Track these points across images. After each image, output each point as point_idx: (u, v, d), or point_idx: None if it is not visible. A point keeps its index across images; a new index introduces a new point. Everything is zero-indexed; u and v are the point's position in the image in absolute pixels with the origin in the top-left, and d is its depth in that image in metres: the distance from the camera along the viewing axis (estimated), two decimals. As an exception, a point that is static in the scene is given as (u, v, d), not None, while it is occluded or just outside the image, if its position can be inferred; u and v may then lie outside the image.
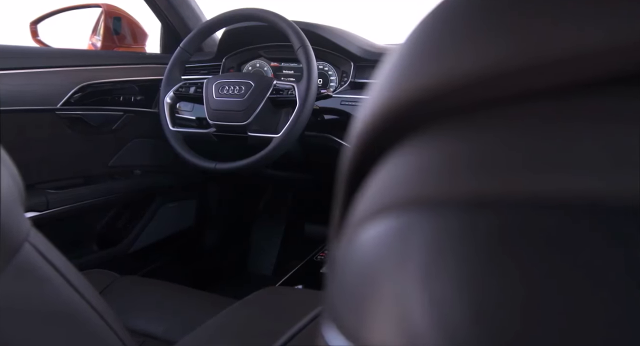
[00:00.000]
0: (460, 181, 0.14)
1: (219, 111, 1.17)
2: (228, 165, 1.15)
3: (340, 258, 0.17)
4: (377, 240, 0.15)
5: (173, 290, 0.99)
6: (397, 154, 0.17)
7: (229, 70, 1.45)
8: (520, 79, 0.13)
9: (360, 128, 0.19)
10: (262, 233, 1.94)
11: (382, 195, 0.16)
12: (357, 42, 1.31)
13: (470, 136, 0.15)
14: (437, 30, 0.17)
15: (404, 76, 0.17)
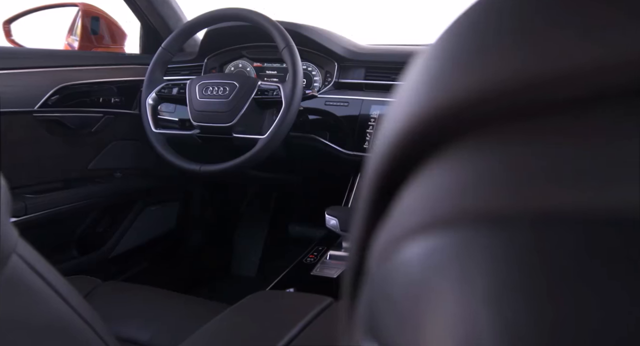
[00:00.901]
0: (527, 194, 0.13)
1: (203, 112, 1.16)
2: (213, 167, 1.14)
3: (380, 275, 0.16)
4: (428, 257, 0.14)
5: (157, 294, 0.97)
6: (445, 163, 0.16)
7: (211, 70, 1.43)
8: (586, 82, 0.12)
9: (393, 136, 0.18)
10: (245, 235, 1.92)
11: (429, 209, 0.15)
12: (341, 42, 1.31)
13: (536, 144, 0.14)
14: (481, 30, 0.17)
15: (449, 79, 0.17)
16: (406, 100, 0.19)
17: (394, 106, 0.20)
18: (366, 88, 1.26)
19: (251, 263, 1.89)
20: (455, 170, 0.15)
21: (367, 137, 1.20)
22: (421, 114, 0.17)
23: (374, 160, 0.21)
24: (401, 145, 0.18)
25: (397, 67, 1.24)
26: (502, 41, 0.15)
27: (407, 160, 0.19)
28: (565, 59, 0.14)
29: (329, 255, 0.96)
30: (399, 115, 0.19)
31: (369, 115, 1.21)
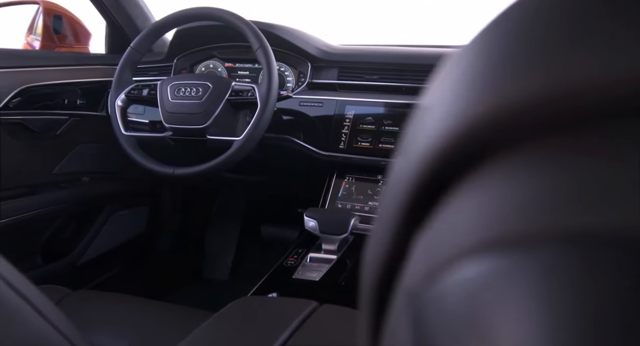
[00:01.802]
0: (577, 214, 0.13)
1: (176, 114, 1.13)
2: (187, 170, 1.11)
3: (431, 295, 0.16)
4: (476, 283, 0.14)
5: (132, 302, 0.94)
6: (501, 177, 0.15)
7: (180, 71, 1.40)
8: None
9: (434, 145, 0.18)
10: (216, 238, 1.89)
11: (488, 227, 0.14)
12: (314, 42, 1.30)
13: (581, 162, 0.14)
14: (528, 35, 0.16)
15: (493, 89, 0.16)
16: (454, 103, 0.18)
17: (432, 109, 0.20)
18: (340, 88, 1.25)
19: (224, 267, 1.86)
20: (514, 185, 0.15)
21: (343, 138, 1.20)
22: (474, 119, 0.16)
23: (408, 169, 0.20)
24: (445, 155, 0.18)
25: (371, 67, 1.24)
26: (562, 46, 0.15)
27: (451, 170, 0.18)
28: (624, 67, 0.14)
29: (309, 257, 0.96)
30: (442, 120, 0.18)
31: (344, 115, 1.20)
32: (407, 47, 1.30)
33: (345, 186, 1.20)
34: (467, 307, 0.14)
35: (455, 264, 0.15)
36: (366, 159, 1.18)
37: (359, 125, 1.19)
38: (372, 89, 1.22)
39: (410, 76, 1.20)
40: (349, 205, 1.17)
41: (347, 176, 1.22)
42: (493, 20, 0.19)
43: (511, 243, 0.13)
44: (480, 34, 0.19)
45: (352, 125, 1.19)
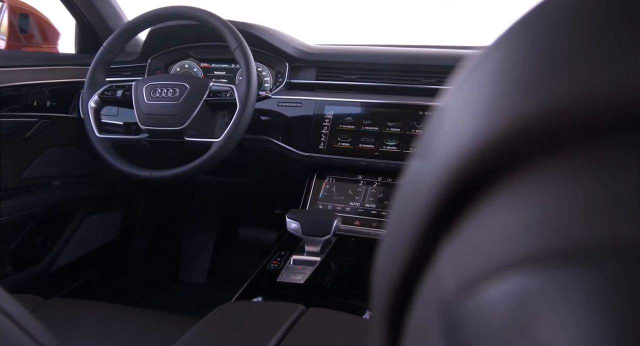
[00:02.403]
0: (622, 227, 0.12)
1: (152, 115, 1.10)
2: (165, 173, 1.09)
3: (468, 309, 0.15)
4: (525, 296, 0.13)
5: (108, 310, 0.91)
6: (523, 192, 0.15)
7: (155, 71, 1.37)
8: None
9: (455, 158, 0.17)
10: (192, 241, 1.86)
11: (514, 243, 0.14)
12: (291, 42, 1.29)
13: (613, 172, 0.13)
14: (563, 37, 0.16)
15: (543, 89, 0.15)
16: (486, 109, 0.17)
17: (460, 114, 0.19)
18: (318, 88, 1.25)
19: (200, 270, 1.83)
20: (552, 196, 0.14)
21: (322, 138, 1.19)
22: (508, 128, 0.16)
23: (436, 173, 0.19)
24: (477, 162, 0.17)
25: (349, 67, 1.24)
26: (594, 52, 0.14)
27: (483, 178, 0.17)
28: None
29: (292, 260, 0.94)
30: (474, 125, 0.18)
31: (323, 116, 1.20)
32: (385, 47, 1.30)
33: (325, 187, 1.20)
34: (517, 320, 0.14)
35: (497, 277, 0.15)
36: (346, 159, 1.18)
37: (339, 125, 1.19)
38: (350, 89, 1.22)
39: (389, 76, 1.20)
40: (330, 206, 1.16)
41: (328, 177, 1.21)
42: (520, 20, 0.18)
43: (556, 256, 0.13)
44: (506, 37, 0.19)
45: (331, 126, 1.19)
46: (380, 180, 1.17)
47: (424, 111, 1.13)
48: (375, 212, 1.13)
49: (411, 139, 1.13)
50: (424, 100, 1.14)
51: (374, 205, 1.14)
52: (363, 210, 1.14)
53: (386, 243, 0.24)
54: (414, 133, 1.13)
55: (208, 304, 1.58)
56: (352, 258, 0.97)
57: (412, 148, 1.13)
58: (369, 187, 1.17)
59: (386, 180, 1.17)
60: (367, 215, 1.13)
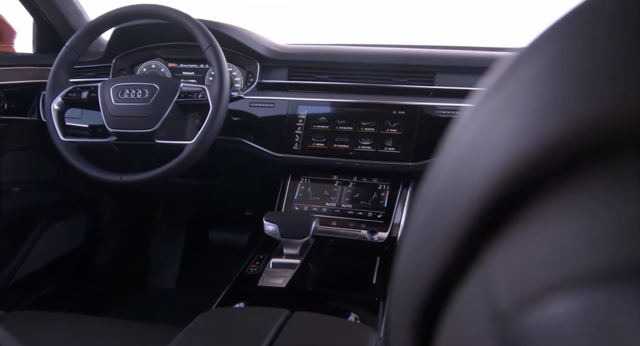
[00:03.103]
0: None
1: (120, 118, 1.06)
2: (136, 177, 1.05)
3: (519, 325, 0.15)
4: (591, 315, 0.13)
5: (79, 321, 0.87)
6: (578, 205, 0.14)
7: (120, 72, 1.32)
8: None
9: (501, 169, 0.16)
10: (160, 245, 1.82)
11: (580, 258, 0.13)
12: (262, 41, 1.27)
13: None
14: (603, 52, 0.15)
15: (578, 104, 0.15)
16: (530, 120, 0.16)
17: (503, 121, 0.18)
18: (290, 88, 1.23)
19: (169, 275, 1.79)
20: (620, 209, 0.13)
21: (296, 138, 1.18)
22: (559, 134, 0.15)
23: (475, 184, 0.18)
24: (525, 171, 0.16)
25: (321, 66, 1.23)
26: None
27: (531, 188, 0.16)
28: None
29: (271, 263, 0.93)
30: (522, 133, 0.17)
31: (297, 116, 1.19)
32: (357, 47, 1.30)
33: (300, 188, 1.18)
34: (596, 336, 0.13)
35: (564, 292, 0.14)
36: (321, 160, 1.17)
37: (313, 125, 1.18)
38: (323, 89, 1.21)
39: (361, 75, 1.20)
40: (306, 207, 1.15)
41: (302, 177, 1.20)
42: (566, 17, 0.18)
43: (630, 271, 0.12)
44: (542, 47, 0.18)
45: (305, 126, 1.18)
46: (355, 180, 1.17)
47: (397, 110, 1.14)
48: (352, 212, 1.13)
49: (385, 139, 1.13)
50: (397, 100, 1.15)
51: (350, 205, 1.14)
52: (339, 210, 1.13)
53: (412, 254, 0.23)
54: (388, 133, 1.14)
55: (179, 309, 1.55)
56: (332, 259, 0.97)
57: (387, 147, 1.13)
58: (345, 187, 1.17)
59: (361, 180, 1.17)
60: (344, 216, 1.12)
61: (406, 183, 1.14)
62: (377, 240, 1.06)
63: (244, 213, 1.77)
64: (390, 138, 1.13)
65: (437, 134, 1.10)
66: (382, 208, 1.12)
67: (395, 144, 1.13)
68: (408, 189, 1.14)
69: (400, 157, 1.12)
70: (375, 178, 1.16)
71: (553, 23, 0.18)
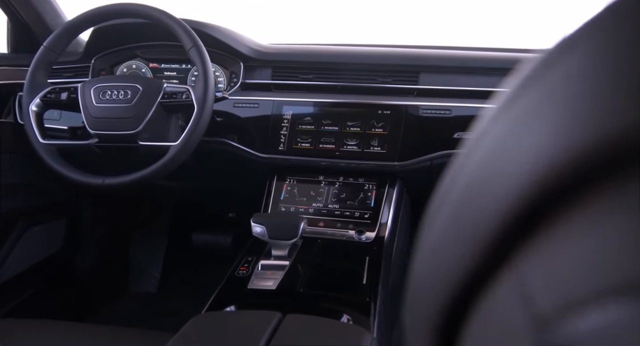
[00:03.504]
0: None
1: (102, 119, 1.04)
2: (119, 179, 1.03)
3: (564, 331, 0.14)
4: (634, 324, 0.13)
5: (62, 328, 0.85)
6: (621, 211, 0.14)
7: (99, 72, 1.29)
8: None
9: (541, 171, 0.16)
10: (142, 248, 1.78)
11: (622, 267, 0.13)
12: (245, 41, 1.26)
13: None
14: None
15: (622, 107, 0.15)
16: (574, 122, 0.16)
17: (539, 123, 0.18)
18: (274, 88, 1.23)
19: (151, 278, 1.76)
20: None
21: (282, 139, 1.17)
22: (603, 136, 0.15)
23: (510, 186, 0.18)
24: (568, 172, 0.16)
25: (305, 66, 1.22)
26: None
27: (572, 191, 0.16)
28: None
29: (260, 265, 0.92)
30: (561, 136, 0.17)
31: (282, 116, 1.18)
32: (340, 47, 1.30)
33: (286, 188, 1.18)
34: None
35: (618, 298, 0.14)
36: (307, 160, 1.16)
37: (298, 125, 1.17)
38: (308, 89, 1.21)
39: (345, 75, 1.20)
40: (293, 208, 1.14)
41: (288, 178, 1.19)
42: (589, 32, 0.17)
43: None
44: (579, 48, 0.18)
45: (290, 126, 1.17)
46: (341, 180, 1.17)
47: (382, 110, 1.14)
48: (339, 213, 1.12)
49: (371, 138, 1.14)
50: (382, 99, 1.15)
51: (337, 205, 1.14)
52: (326, 211, 1.13)
53: (432, 257, 0.23)
54: (374, 133, 1.14)
55: (164, 313, 1.52)
56: (321, 260, 0.96)
57: (372, 147, 1.13)
58: (331, 187, 1.16)
59: (347, 180, 1.17)
60: (331, 216, 1.12)
61: (392, 183, 1.15)
62: (364, 240, 1.06)
63: (227, 214, 1.75)
64: (376, 138, 1.13)
65: (422, 133, 1.12)
66: (369, 208, 1.12)
67: (381, 144, 1.13)
68: (394, 189, 1.14)
69: (386, 156, 1.12)
70: (362, 178, 1.16)
71: (592, 18, 0.17)
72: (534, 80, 0.19)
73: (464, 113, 1.12)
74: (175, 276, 1.77)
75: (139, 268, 1.76)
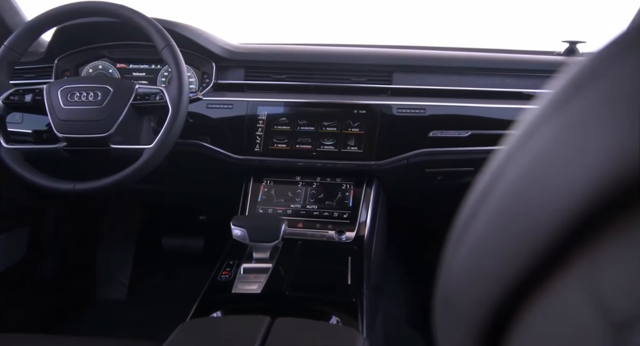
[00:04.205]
0: None
1: (71, 122, 1.00)
2: (91, 185, 0.99)
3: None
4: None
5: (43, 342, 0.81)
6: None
7: (63, 73, 1.24)
8: None
9: (602, 176, 0.16)
10: (109, 254, 1.73)
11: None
12: (217, 41, 1.24)
13: None
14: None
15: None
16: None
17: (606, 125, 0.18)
18: (247, 88, 1.21)
19: (119, 285, 1.71)
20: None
21: (258, 140, 1.16)
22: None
23: (576, 186, 0.18)
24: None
25: (278, 66, 1.21)
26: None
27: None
28: None
29: (242, 269, 0.90)
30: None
31: (257, 117, 1.16)
32: (313, 46, 1.29)
33: (264, 190, 1.16)
34: None
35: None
36: (284, 161, 1.15)
37: (274, 126, 1.16)
38: (282, 89, 1.20)
39: (319, 75, 1.19)
40: (271, 210, 1.13)
41: (265, 179, 1.18)
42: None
43: None
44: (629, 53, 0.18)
45: (266, 127, 1.16)
46: (319, 180, 1.17)
47: (358, 110, 1.14)
48: (318, 213, 1.12)
49: (348, 138, 1.14)
50: (357, 99, 1.15)
51: (316, 206, 1.13)
52: (305, 211, 1.12)
53: (477, 260, 0.23)
54: (350, 132, 1.14)
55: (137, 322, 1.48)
56: (304, 262, 0.96)
57: (349, 147, 1.13)
58: (309, 188, 1.16)
59: (325, 180, 1.17)
60: (310, 217, 1.11)
61: (370, 182, 1.15)
62: (345, 240, 1.06)
63: (197, 218, 1.72)
64: (352, 137, 1.14)
65: (398, 132, 1.12)
66: (347, 208, 1.12)
67: (357, 143, 1.13)
68: (372, 188, 1.15)
69: (363, 156, 1.13)
70: (339, 178, 1.16)
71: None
72: (592, 80, 0.19)
73: (439, 113, 1.13)
74: (145, 283, 1.73)
75: (107, 274, 1.71)
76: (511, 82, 1.17)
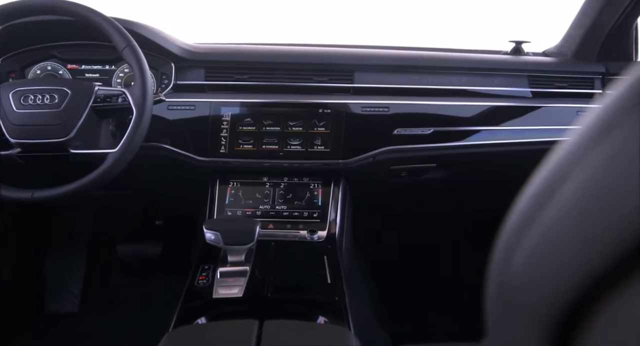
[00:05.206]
0: None
1: (25, 127, 0.94)
2: (52, 192, 0.94)
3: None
4: None
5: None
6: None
7: (8, 74, 1.17)
8: None
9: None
10: (58, 264, 1.64)
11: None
12: (175, 41, 1.20)
13: None
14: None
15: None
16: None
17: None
18: (209, 89, 1.18)
19: (71, 297, 1.62)
20: None
21: (223, 141, 1.14)
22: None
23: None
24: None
25: (240, 66, 1.20)
26: None
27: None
28: None
29: (219, 273, 0.89)
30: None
31: (221, 118, 1.14)
32: (275, 46, 1.28)
33: (231, 192, 1.15)
34: None
35: None
36: (250, 162, 1.14)
37: (239, 127, 1.14)
38: (244, 89, 1.18)
39: (281, 75, 1.19)
40: (240, 212, 1.12)
41: (231, 181, 1.16)
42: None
43: None
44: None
45: (230, 128, 1.14)
46: (286, 181, 1.16)
47: (323, 109, 1.15)
48: (288, 213, 1.12)
49: (314, 137, 1.14)
50: (321, 98, 1.16)
51: (285, 206, 1.13)
52: (274, 212, 1.12)
53: (552, 256, 0.23)
54: (316, 132, 1.14)
55: (88, 336, 1.41)
56: (281, 263, 0.95)
57: (316, 146, 1.14)
58: (277, 188, 1.15)
59: (292, 180, 1.16)
60: (280, 217, 1.11)
61: (337, 181, 1.16)
62: (317, 239, 1.06)
63: (153, 222, 1.66)
64: (319, 136, 1.14)
65: (363, 131, 1.14)
66: (316, 207, 1.12)
67: (324, 143, 1.14)
68: (339, 186, 1.16)
69: (330, 155, 1.13)
70: (306, 177, 1.16)
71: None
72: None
73: (402, 111, 1.16)
74: (98, 293, 1.65)
75: (57, 286, 1.62)
76: (466, 80, 1.22)
